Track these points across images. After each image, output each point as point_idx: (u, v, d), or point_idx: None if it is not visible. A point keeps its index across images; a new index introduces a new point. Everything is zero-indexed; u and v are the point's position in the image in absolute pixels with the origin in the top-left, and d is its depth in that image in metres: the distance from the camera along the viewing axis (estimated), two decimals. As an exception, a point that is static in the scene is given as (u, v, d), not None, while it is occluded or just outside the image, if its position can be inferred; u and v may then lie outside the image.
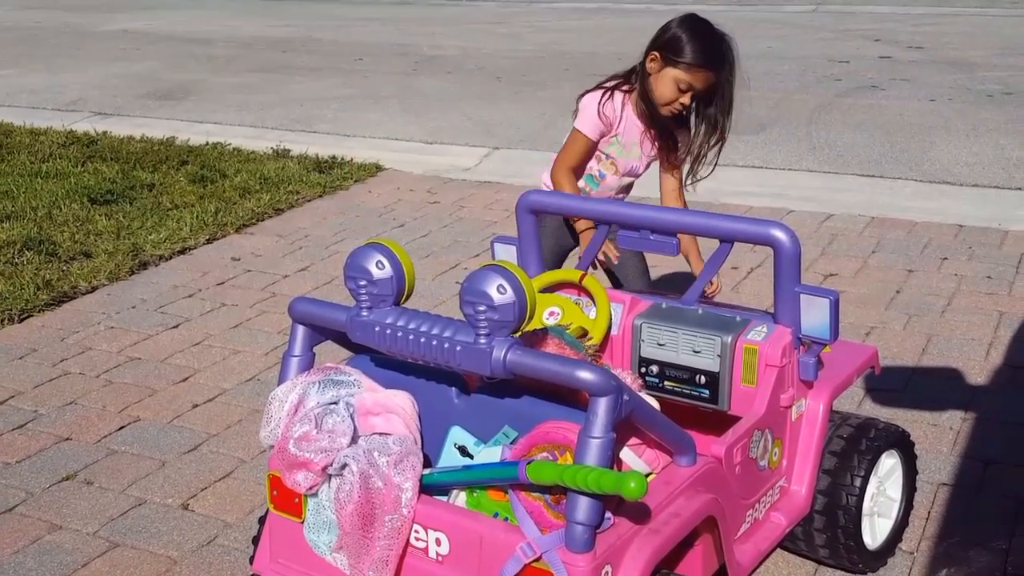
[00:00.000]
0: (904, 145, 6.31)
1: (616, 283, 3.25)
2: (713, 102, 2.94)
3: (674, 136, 3.08)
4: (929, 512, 2.75)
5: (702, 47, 2.84)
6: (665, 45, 2.87)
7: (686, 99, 2.90)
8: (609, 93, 3.03)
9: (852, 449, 2.41)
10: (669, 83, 2.88)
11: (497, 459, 1.93)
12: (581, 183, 3.12)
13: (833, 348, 2.42)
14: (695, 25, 2.87)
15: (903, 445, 2.55)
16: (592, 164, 3.12)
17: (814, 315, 2.26)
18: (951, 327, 3.87)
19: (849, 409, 3.15)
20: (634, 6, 13.38)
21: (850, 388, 2.72)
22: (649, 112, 2.98)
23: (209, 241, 5.12)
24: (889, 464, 2.54)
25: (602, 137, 3.06)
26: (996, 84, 7.94)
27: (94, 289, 4.52)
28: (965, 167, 5.84)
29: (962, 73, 8.39)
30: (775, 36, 10.58)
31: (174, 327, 4.12)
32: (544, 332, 2.17)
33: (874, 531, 2.52)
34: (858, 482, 2.38)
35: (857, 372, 2.51)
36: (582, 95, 3.09)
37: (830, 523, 2.40)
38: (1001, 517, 2.72)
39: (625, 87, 3.03)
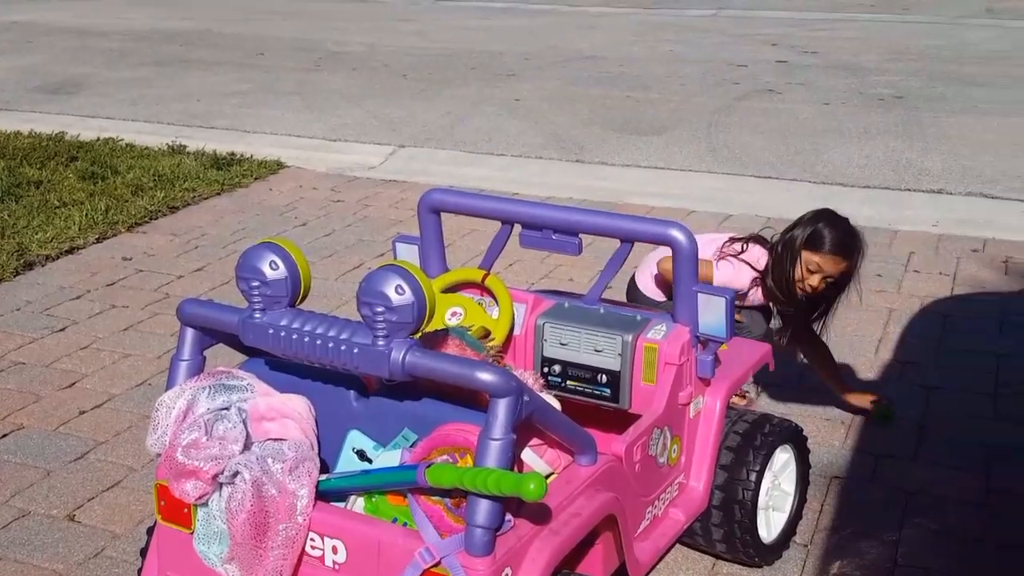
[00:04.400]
0: (799, 147, 6.47)
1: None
2: (840, 286, 3.12)
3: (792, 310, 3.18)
4: (822, 505, 2.82)
5: (839, 238, 3.06)
6: (807, 236, 3.06)
7: (814, 280, 3.07)
8: (751, 277, 3.17)
9: (747, 445, 2.45)
10: (802, 266, 3.07)
11: (396, 463, 1.90)
12: None
13: (729, 346, 2.46)
14: (833, 218, 3.10)
15: (796, 440, 2.61)
16: None
17: (711, 314, 2.29)
18: (842, 324, 3.97)
19: (745, 405, 3.21)
20: (540, 7, 13.44)
21: (746, 384, 2.77)
22: (780, 291, 3.11)
23: (99, 240, 4.95)
24: (783, 459, 2.59)
25: None
26: (887, 88, 8.21)
27: (-24, 290, 4.32)
28: (857, 169, 6.02)
29: (855, 77, 8.64)
30: (677, 40, 10.74)
31: (60, 330, 3.96)
32: (445, 333, 2.15)
33: (769, 525, 2.57)
34: (753, 477, 2.42)
35: (752, 369, 2.56)
36: (722, 255, 3.18)
37: (727, 518, 2.44)
38: (891, 509, 2.80)
39: (756, 276, 3.17)
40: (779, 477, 2.58)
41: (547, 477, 1.98)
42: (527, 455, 1.97)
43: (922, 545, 2.65)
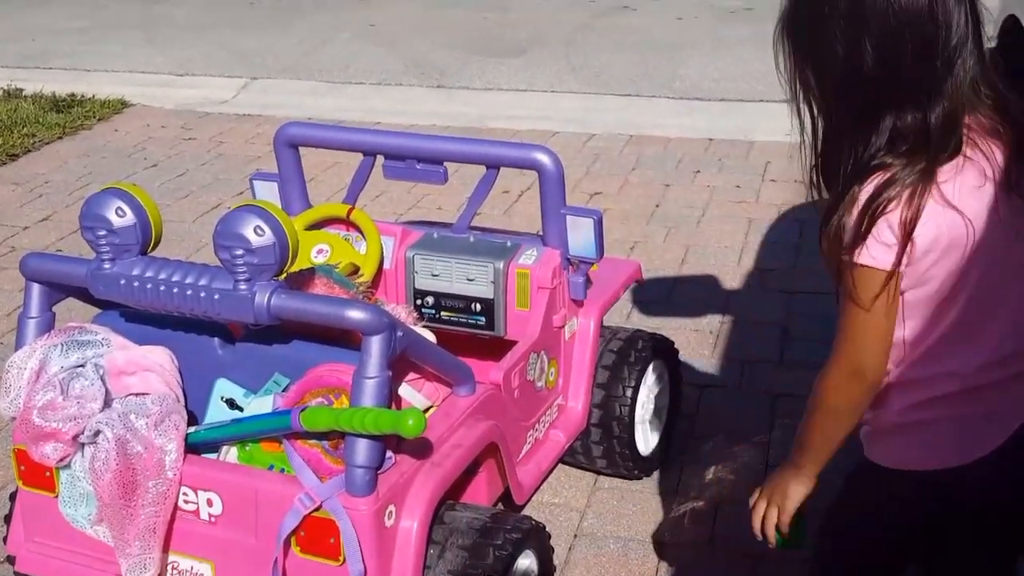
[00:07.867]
0: (656, 64, 6.52)
1: None
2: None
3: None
4: (696, 414, 2.90)
5: None
6: None
7: None
8: None
9: (622, 362, 2.48)
10: None
11: (269, 409, 1.85)
12: None
13: (600, 265, 2.47)
14: None
15: (668, 353, 2.67)
16: None
17: (580, 235, 2.29)
18: (706, 236, 4.06)
19: (618, 322, 3.25)
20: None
21: (618, 302, 2.80)
22: None
23: (-67, 194, 4.62)
24: (657, 372, 2.64)
25: None
26: (737, 1, 8.33)
27: None
28: (712, 82, 6.11)
29: (707, -9, 8.73)
30: (531, -43, 10.61)
31: None
32: (311, 272, 2.08)
33: (647, 438, 2.62)
34: (629, 393, 2.46)
35: (623, 287, 2.59)
36: None
37: (606, 435, 2.48)
38: (760, 413, 2.90)
39: None
40: (653, 391, 2.64)
41: (426, 411, 1.96)
42: (404, 390, 1.94)
43: (791, 445, 2.75)
